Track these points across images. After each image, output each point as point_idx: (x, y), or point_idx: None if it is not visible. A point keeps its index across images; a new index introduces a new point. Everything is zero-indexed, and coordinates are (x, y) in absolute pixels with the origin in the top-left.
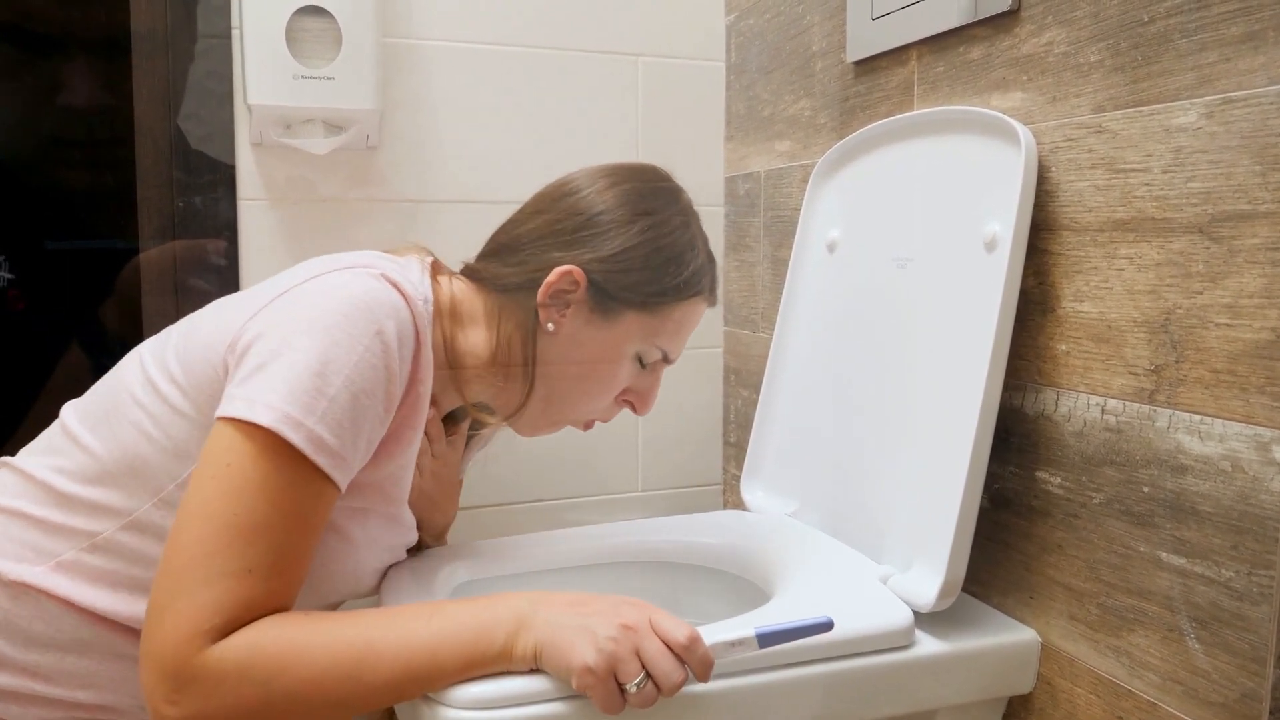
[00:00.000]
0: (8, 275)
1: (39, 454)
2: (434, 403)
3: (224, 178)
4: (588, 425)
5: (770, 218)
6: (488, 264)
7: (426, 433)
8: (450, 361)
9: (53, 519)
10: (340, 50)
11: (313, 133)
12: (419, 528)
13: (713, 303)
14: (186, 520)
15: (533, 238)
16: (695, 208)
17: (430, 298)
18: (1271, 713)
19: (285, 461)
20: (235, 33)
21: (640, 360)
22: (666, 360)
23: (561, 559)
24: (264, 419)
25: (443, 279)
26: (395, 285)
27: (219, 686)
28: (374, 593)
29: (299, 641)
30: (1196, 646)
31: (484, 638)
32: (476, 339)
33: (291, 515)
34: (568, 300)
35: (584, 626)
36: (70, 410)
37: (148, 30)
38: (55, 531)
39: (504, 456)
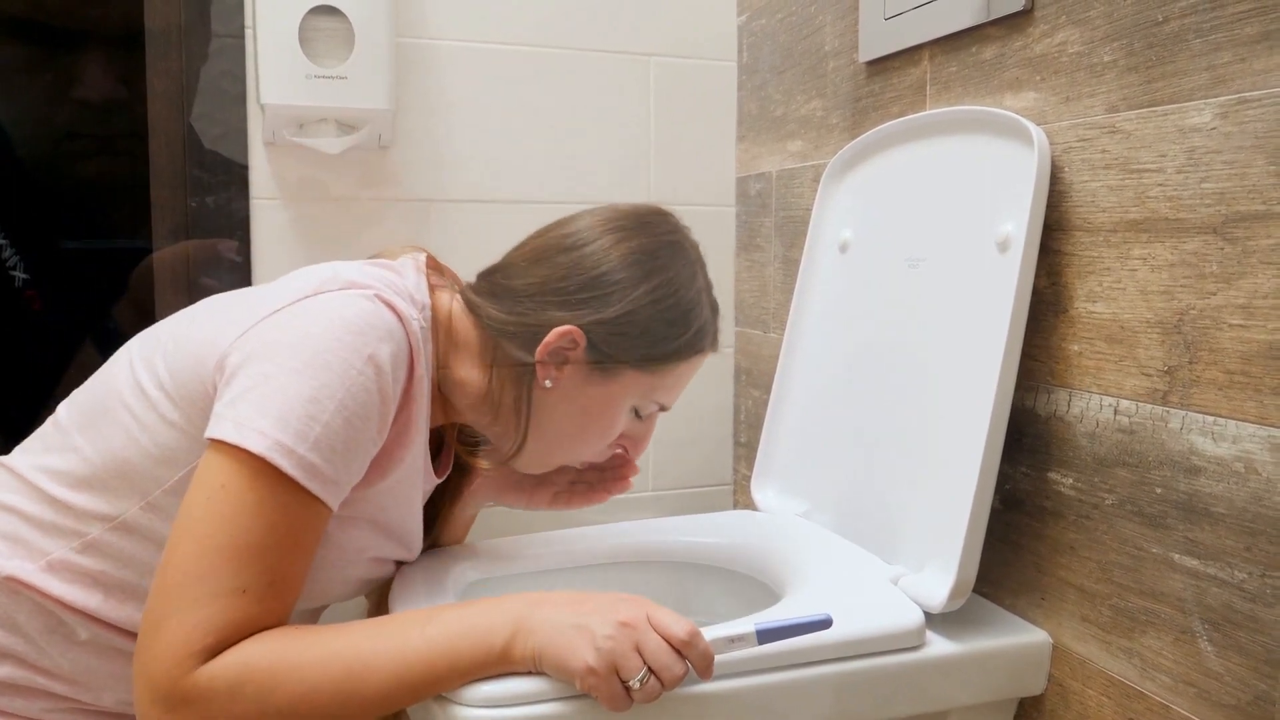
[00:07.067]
0: (24, 275)
1: (33, 452)
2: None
3: (237, 177)
4: (583, 465)
5: (782, 218)
6: (484, 302)
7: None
8: (442, 383)
9: (44, 517)
10: (353, 50)
11: (325, 132)
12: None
13: (715, 350)
14: (180, 540)
15: (531, 292)
16: (702, 253)
17: (428, 304)
18: None
19: (278, 487)
20: (248, 32)
21: (636, 412)
22: (662, 409)
23: (572, 558)
24: (256, 446)
25: (443, 293)
26: (389, 305)
27: (210, 705)
28: (353, 596)
29: (290, 657)
30: (1209, 648)
31: (481, 645)
32: (471, 370)
33: (285, 537)
34: (565, 357)
35: (582, 625)
36: (64, 408)
37: (161, 29)
38: (46, 530)
39: None
